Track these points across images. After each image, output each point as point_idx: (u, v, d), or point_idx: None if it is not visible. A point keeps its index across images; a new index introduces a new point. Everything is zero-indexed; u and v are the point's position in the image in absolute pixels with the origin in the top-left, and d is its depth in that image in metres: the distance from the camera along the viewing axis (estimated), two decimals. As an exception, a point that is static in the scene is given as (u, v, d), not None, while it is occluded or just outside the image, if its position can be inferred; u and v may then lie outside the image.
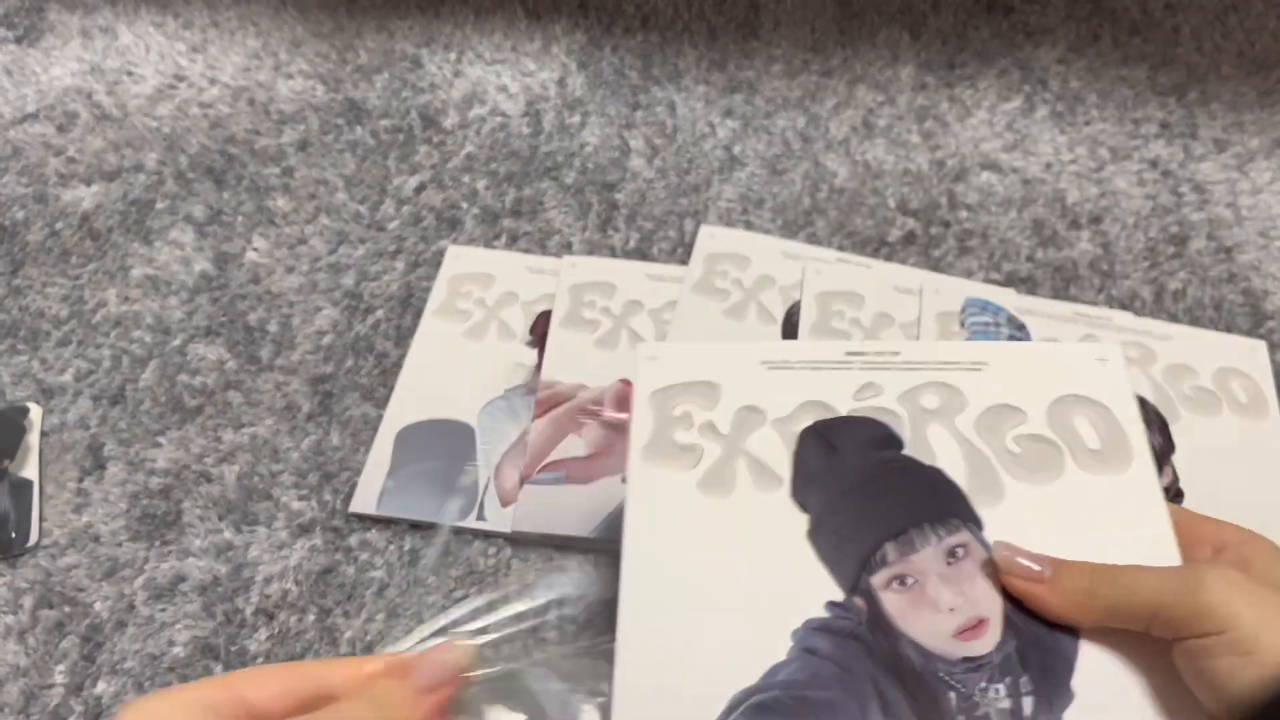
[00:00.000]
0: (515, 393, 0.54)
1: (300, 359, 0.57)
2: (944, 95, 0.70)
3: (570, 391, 0.53)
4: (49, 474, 0.53)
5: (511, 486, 0.50)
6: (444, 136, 0.69)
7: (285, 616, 0.47)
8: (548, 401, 0.53)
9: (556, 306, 0.57)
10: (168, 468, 0.53)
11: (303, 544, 0.50)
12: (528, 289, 0.58)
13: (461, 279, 0.59)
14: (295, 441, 0.53)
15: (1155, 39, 0.72)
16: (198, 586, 0.48)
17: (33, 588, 0.49)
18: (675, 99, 0.70)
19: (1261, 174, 0.64)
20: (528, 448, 0.52)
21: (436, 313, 0.58)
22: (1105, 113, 0.68)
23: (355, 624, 0.47)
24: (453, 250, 0.61)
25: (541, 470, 0.51)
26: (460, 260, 0.60)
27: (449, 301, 0.58)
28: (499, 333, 0.56)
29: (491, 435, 0.52)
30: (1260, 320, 0.57)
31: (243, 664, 0.46)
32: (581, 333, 0.56)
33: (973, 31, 0.73)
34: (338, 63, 0.73)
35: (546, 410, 0.53)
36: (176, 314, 0.59)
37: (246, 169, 0.67)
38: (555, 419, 0.52)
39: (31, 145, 0.69)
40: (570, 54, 0.73)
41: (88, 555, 0.50)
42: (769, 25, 0.74)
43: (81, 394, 0.56)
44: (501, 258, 0.60)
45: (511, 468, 0.51)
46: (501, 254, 0.61)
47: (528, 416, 0.53)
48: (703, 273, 0.57)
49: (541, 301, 0.58)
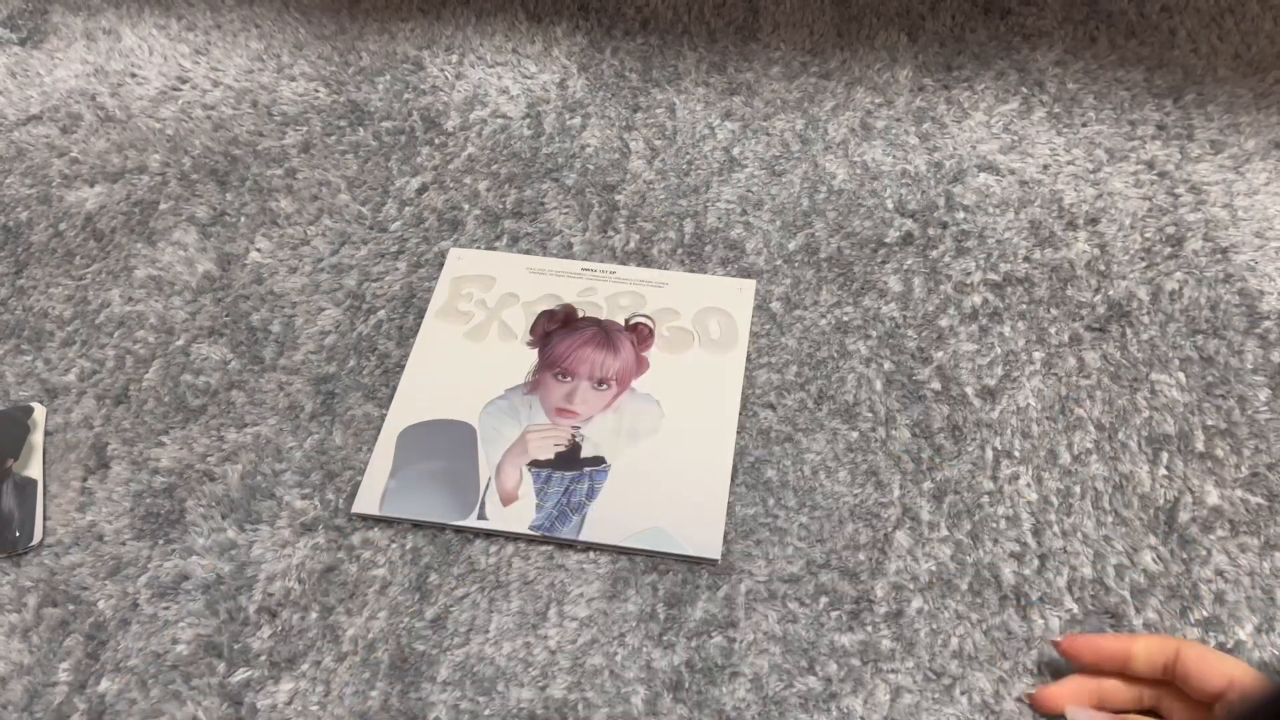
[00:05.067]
0: (515, 392, 0.55)
1: (303, 359, 0.57)
2: (941, 97, 0.70)
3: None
4: (53, 473, 0.53)
5: (513, 486, 0.51)
6: (446, 138, 0.69)
7: (288, 615, 0.48)
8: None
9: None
10: (171, 467, 0.53)
11: (305, 542, 0.50)
12: (529, 290, 0.59)
13: (463, 280, 0.60)
14: (298, 441, 0.54)
15: (1152, 41, 0.72)
16: (201, 585, 0.49)
17: (37, 586, 0.49)
18: (675, 101, 0.71)
19: (1257, 175, 0.64)
20: (528, 446, 0.52)
21: (438, 314, 0.58)
22: (1102, 114, 0.68)
23: (358, 622, 0.47)
24: (455, 253, 0.61)
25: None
26: (462, 262, 0.61)
27: (450, 303, 0.59)
28: (499, 333, 0.57)
29: (492, 435, 0.53)
30: (1256, 320, 0.57)
31: (245, 662, 0.46)
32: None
33: (970, 34, 0.74)
34: (340, 65, 0.74)
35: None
36: (180, 314, 0.59)
37: (249, 170, 0.67)
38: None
39: (36, 147, 0.69)
40: (571, 56, 0.74)
41: (91, 554, 0.50)
42: (768, 28, 0.75)
43: (85, 394, 0.56)
44: (503, 260, 0.61)
45: (512, 467, 0.52)
46: (503, 256, 0.61)
47: (528, 416, 0.54)
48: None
49: (543, 301, 0.59)
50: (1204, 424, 0.53)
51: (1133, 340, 0.57)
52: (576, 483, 0.51)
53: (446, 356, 0.56)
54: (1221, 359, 0.56)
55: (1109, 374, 0.55)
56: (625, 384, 0.54)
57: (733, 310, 0.57)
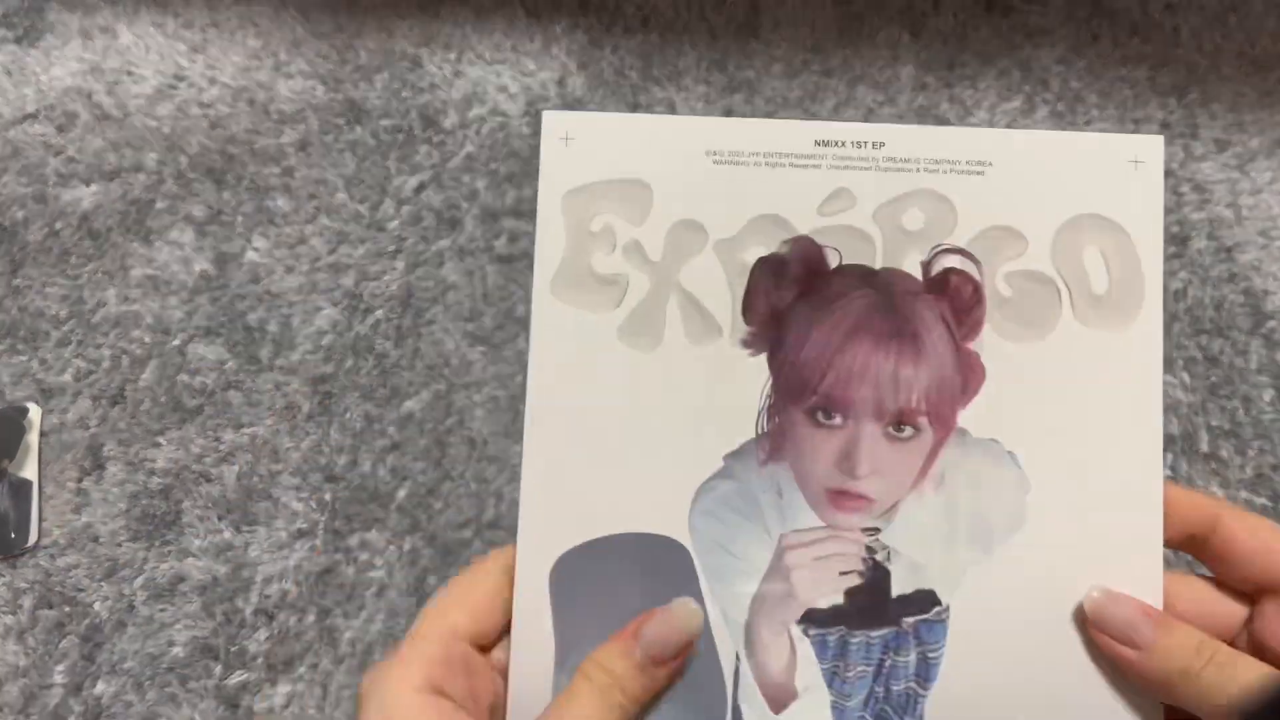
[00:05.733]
0: (745, 460, 0.27)
1: (300, 359, 0.57)
2: (944, 95, 0.70)
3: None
4: (48, 474, 0.53)
5: (782, 670, 0.27)
6: (444, 136, 0.69)
7: (285, 617, 0.47)
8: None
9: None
10: (167, 468, 0.53)
11: (302, 544, 0.50)
12: (722, 209, 0.28)
13: (591, 197, 0.28)
14: (295, 442, 0.53)
15: (1155, 39, 0.72)
16: (197, 587, 0.48)
17: (32, 588, 0.49)
18: (675, 99, 0.70)
19: (1262, 174, 0.64)
20: (795, 587, 0.27)
21: (558, 285, 0.28)
22: (1105, 113, 0.68)
23: (355, 624, 0.47)
24: (551, 121, 0.29)
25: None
26: (576, 150, 0.28)
27: (577, 256, 0.28)
28: (683, 316, 0.28)
29: (720, 562, 0.27)
30: (1261, 320, 0.57)
31: (242, 665, 0.46)
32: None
33: (973, 32, 0.73)
34: (338, 63, 0.73)
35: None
36: (176, 314, 0.59)
37: (246, 169, 0.67)
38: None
39: (31, 145, 0.69)
40: (570, 54, 0.74)
41: (87, 555, 0.50)
42: (769, 25, 0.74)
43: (81, 394, 0.56)
44: (651, 131, 0.29)
45: (773, 632, 0.27)
46: (651, 120, 0.32)
47: (778, 512, 0.27)
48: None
49: (756, 235, 0.28)
50: (1208, 425, 0.53)
51: (1136, 340, 0.56)
52: (893, 651, 0.27)
53: (598, 381, 0.28)
54: (1226, 359, 0.55)
55: (1112, 374, 0.55)
56: (949, 420, 0.27)
57: (1133, 223, 0.27)
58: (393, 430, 0.55)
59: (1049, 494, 0.27)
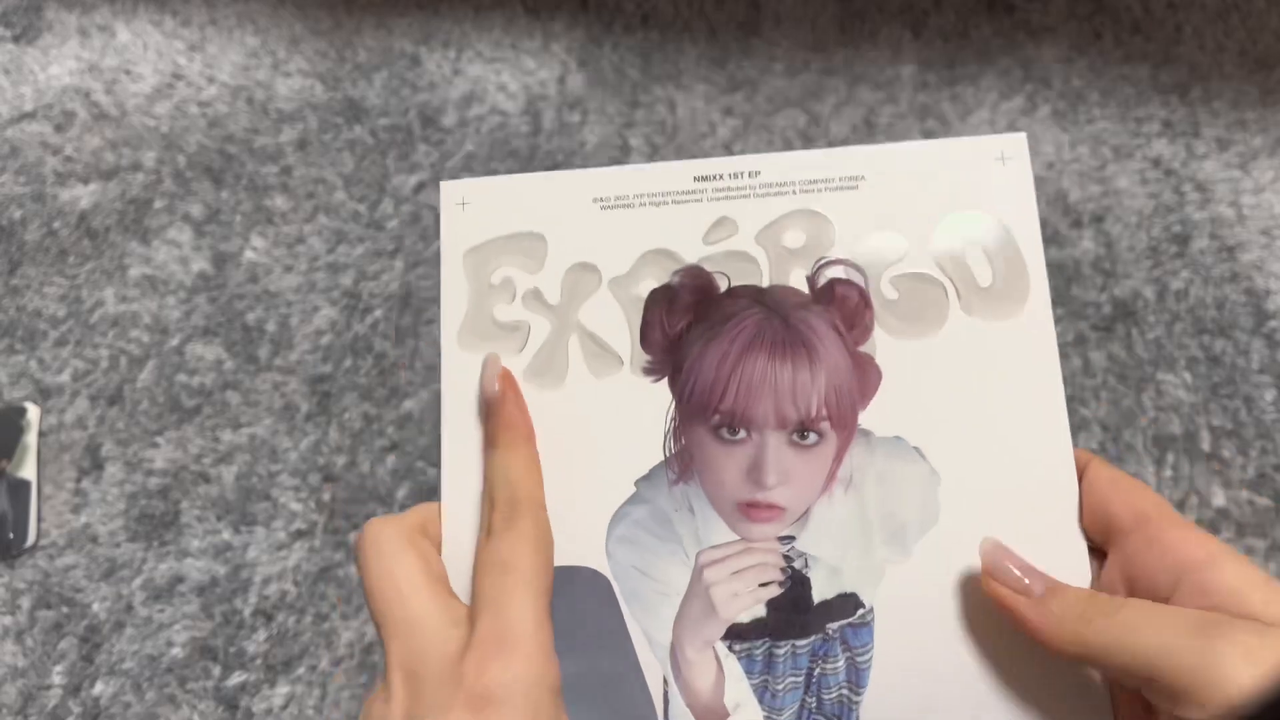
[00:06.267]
0: (655, 483, 0.28)
1: (299, 359, 0.57)
2: (945, 94, 0.69)
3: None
4: (47, 474, 0.52)
5: (710, 686, 0.27)
6: (443, 135, 0.68)
7: (283, 617, 0.47)
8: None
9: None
10: (166, 468, 0.52)
11: (301, 544, 0.49)
12: (613, 249, 0.30)
13: (487, 253, 0.30)
14: (294, 442, 0.53)
15: (1157, 37, 0.72)
16: (196, 587, 0.48)
17: (31, 588, 0.49)
18: (675, 97, 0.70)
19: (1264, 173, 0.64)
20: (715, 604, 0.28)
21: (464, 336, 0.30)
22: (1107, 111, 0.68)
23: (353, 625, 0.47)
24: (449, 190, 0.31)
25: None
26: (470, 213, 0.31)
27: (479, 309, 0.30)
28: (585, 354, 0.29)
29: (640, 587, 0.28)
30: (1263, 319, 0.57)
31: (241, 665, 0.46)
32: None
33: (974, 30, 0.73)
34: (336, 61, 0.73)
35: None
36: (174, 313, 0.59)
37: (245, 168, 0.67)
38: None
39: (29, 144, 0.69)
40: (570, 52, 0.73)
41: (86, 556, 0.50)
42: (770, 23, 0.74)
43: (79, 394, 0.55)
44: (539, 191, 0.31)
45: (697, 651, 0.27)
46: (536, 180, 0.32)
47: (694, 531, 0.28)
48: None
49: (648, 270, 0.30)
50: (1210, 424, 0.53)
51: (1138, 340, 0.56)
52: (822, 659, 0.27)
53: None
54: (1228, 359, 0.55)
55: (1115, 374, 0.55)
56: (850, 423, 0.28)
57: (1008, 217, 0.29)
58: (391, 430, 0.55)
59: (960, 485, 0.27)
